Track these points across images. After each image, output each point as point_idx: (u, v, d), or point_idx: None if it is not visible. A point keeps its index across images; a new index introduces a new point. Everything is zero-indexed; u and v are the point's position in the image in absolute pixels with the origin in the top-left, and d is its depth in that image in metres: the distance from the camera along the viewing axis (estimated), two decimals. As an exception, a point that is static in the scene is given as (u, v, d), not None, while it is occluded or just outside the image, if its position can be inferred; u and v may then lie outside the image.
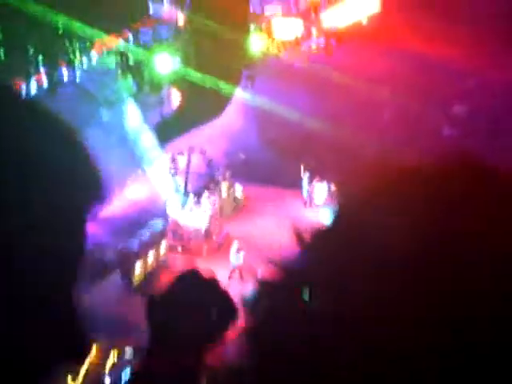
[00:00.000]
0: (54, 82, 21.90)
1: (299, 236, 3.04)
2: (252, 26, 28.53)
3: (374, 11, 32.11)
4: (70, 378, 21.50)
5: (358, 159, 31.12)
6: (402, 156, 32.18)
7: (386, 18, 32.65)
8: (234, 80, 25.86)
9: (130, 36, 24.72)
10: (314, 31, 31.06)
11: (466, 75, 33.96)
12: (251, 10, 26.31)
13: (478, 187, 2.83)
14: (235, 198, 31.90)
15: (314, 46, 31.36)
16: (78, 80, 23.32)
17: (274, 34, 30.45)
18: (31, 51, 21.00)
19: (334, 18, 31.05)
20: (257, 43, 29.85)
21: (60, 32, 21.04)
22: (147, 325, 2.86)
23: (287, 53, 31.14)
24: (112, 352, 22.14)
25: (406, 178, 2.92)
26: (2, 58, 20.40)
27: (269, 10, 30.30)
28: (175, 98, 25.28)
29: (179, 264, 26.79)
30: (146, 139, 28.77)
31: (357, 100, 34.73)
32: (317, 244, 2.80)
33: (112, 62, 24.34)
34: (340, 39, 31.39)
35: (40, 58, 21.15)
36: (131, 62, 24.12)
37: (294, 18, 30.78)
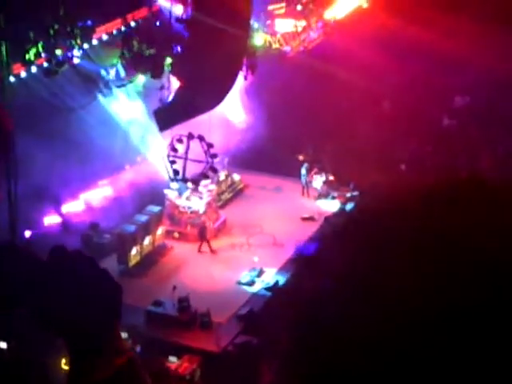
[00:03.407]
0: (55, 65, 22.02)
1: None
2: (255, 24, 29.08)
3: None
4: (63, 361, 21.68)
5: (357, 150, 31.35)
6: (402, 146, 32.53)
7: (386, 6, 32.80)
8: (236, 69, 26.06)
9: (132, 22, 24.86)
10: (313, 22, 31.32)
11: (467, 66, 34.02)
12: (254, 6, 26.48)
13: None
14: (233, 186, 32.13)
15: (313, 35, 31.66)
16: (78, 64, 23.47)
17: (275, 30, 30.99)
18: (32, 37, 21.12)
19: (333, 8, 31.42)
20: (259, 37, 30.32)
21: (61, 17, 21.16)
22: None
23: (288, 44, 31.40)
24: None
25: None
26: (3, 43, 20.54)
27: (271, 6, 30.94)
28: (176, 84, 25.43)
29: (175, 249, 27.08)
30: (145, 125, 28.94)
31: (356, 90, 34.87)
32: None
33: (113, 48, 24.48)
34: (339, 27, 31.72)
35: (40, 43, 21.26)
36: (133, 49, 24.22)
37: (295, 20, 31.29)
